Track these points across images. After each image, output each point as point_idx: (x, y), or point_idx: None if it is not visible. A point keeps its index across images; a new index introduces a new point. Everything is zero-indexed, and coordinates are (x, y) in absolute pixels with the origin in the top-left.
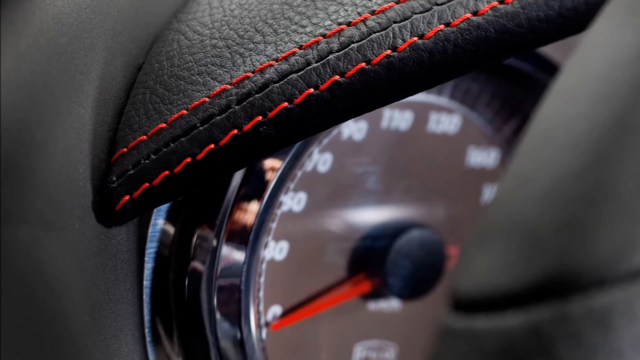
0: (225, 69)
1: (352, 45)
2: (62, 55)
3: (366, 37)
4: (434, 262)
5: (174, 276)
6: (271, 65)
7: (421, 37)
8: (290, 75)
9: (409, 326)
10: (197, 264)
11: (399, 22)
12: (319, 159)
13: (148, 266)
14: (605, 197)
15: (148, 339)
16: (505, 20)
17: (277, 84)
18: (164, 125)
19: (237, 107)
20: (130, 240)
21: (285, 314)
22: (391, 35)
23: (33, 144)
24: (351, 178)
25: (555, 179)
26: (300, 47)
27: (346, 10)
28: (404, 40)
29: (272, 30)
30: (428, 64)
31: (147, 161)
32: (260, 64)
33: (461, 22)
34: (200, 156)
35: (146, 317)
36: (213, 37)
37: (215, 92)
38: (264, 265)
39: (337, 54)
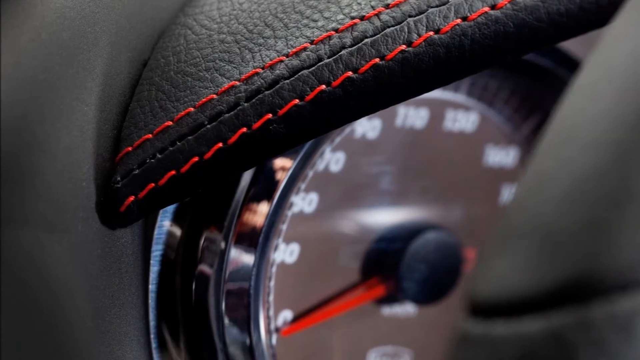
0: (234, 65)
1: (366, 40)
2: (65, 50)
3: (380, 32)
4: (450, 266)
5: (180, 280)
6: (281, 61)
7: (437, 31)
8: (302, 72)
9: (425, 332)
10: (204, 267)
11: (414, 16)
12: (331, 158)
13: (154, 269)
14: (629, 198)
15: (154, 345)
16: (525, 14)
17: (287, 81)
18: (170, 123)
19: (246, 104)
20: (135, 243)
21: (296, 319)
22: (406, 30)
23: (34, 143)
24: (364, 178)
25: (577, 179)
26: (312, 42)
27: (359, 3)
28: (419, 35)
29: (282, 25)
30: (444, 60)
31: (152, 160)
32: (270, 60)
33: (479, 16)
34: (208, 155)
35: (152, 323)
36: (221, 32)
37: (223, 89)
38: (274, 269)
39: (349, 49)
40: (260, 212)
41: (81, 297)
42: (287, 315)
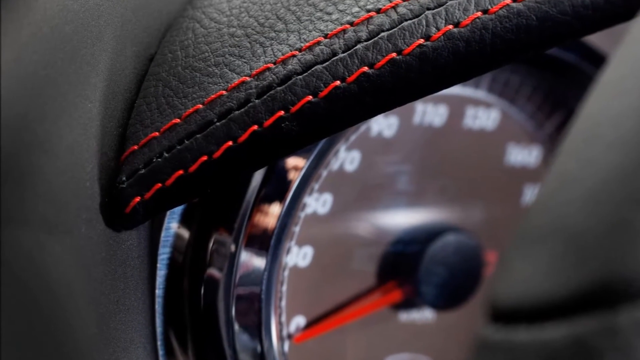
0: (245, 60)
1: (382, 34)
2: (67, 44)
3: (397, 25)
4: (470, 269)
5: (188, 284)
6: (294, 56)
7: (456, 25)
8: (315, 67)
9: (444, 338)
10: (213, 271)
11: (433, 9)
12: (346, 158)
13: (161, 273)
14: None
15: (160, 352)
16: (548, 6)
17: (300, 76)
18: (177, 120)
19: (257, 101)
20: (141, 246)
21: (310, 325)
22: (424, 23)
23: (35, 141)
24: (381, 178)
25: (602, 179)
26: (326, 36)
27: None
28: (438, 29)
29: (295, 18)
30: (464, 55)
31: (159, 159)
32: (283, 54)
33: (500, 8)
34: (217, 154)
35: (158, 329)
36: (231, 25)
37: (233, 85)
38: (286, 273)
39: (365, 43)
40: (272, 214)
41: (84, 301)
42: (299, 321)
